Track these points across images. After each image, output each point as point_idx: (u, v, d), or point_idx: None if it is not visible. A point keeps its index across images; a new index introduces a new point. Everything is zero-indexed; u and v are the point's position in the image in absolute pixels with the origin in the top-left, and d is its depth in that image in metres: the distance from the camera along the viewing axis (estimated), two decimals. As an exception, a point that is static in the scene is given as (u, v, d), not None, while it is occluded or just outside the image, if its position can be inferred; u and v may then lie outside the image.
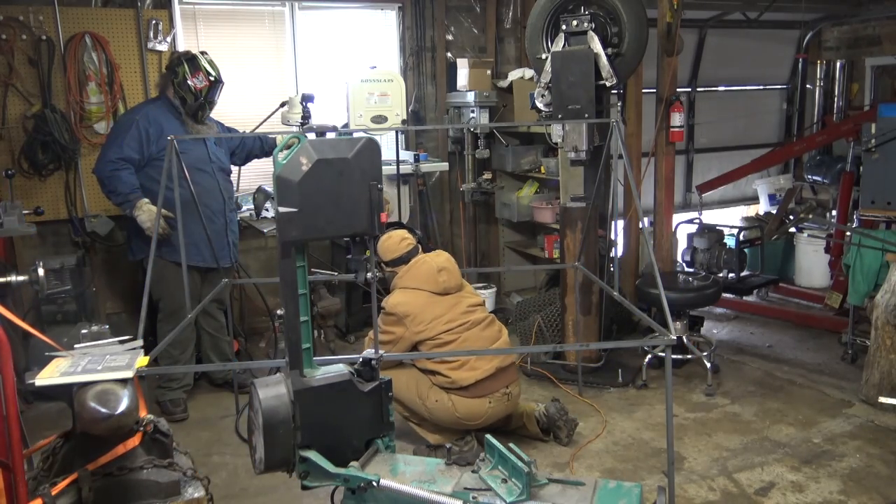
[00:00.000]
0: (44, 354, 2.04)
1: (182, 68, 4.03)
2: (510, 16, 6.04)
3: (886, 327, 3.94)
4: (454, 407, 3.38)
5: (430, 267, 3.50)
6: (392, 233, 3.65)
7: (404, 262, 3.55)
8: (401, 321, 3.41)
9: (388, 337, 3.47)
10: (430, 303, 3.44)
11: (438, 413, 3.43)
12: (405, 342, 3.44)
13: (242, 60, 5.25)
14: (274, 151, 1.92)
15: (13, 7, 4.42)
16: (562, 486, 1.87)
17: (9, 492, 1.67)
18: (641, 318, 2.97)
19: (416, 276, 3.50)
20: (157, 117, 4.00)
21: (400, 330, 3.43)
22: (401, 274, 3.53)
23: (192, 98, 4.04)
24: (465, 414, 3.39)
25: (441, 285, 3.48)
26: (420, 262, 3.53)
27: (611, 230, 4.27)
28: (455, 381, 3.35)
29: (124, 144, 3.90)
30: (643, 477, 3.39)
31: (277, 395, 1.92)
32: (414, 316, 3.40)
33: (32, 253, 4.52)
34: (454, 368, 3.37)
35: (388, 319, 3.47)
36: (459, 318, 3.46)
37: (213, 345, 4.37)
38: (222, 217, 4.21)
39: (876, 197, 4.48)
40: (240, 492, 3.33)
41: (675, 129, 4.84)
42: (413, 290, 3.47)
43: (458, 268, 3.63)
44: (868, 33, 6.97)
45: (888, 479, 3.33)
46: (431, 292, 3.46)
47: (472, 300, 3.59)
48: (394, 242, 3.58)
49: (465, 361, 3.38)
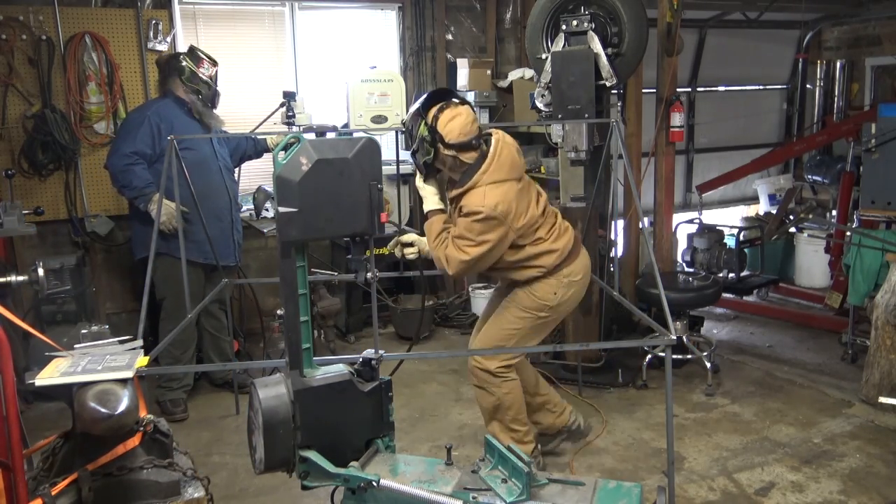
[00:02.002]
0: (44, 354, 2.04)
1: (187, 63, 4.07)
2: (510, 16, 6.04)
3: (886, 327, 3.94)
4: (569, 278, 3.11)
5: (511, 152, 2.99)
6: (460, 108, 2.93)
7: (472, 149, 2.93)
8: (502, 223, 2.90)
9: (485, 247, 2.91)
10: (521, 190, 2.98)
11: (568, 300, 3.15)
12: (506, 243, 2.97)
13: (242, 60, 5.25)
14: (274, 151, 1.92)
15: (13, 7, 4.42)
16: (562, 486, 1.87)
17: (9, 492, 1.67)
18: (641, 318, 2.97)
19: (503, 167, 2.94)
20: (167, 114, 4.01)
21: (501, 231, 2.91)
22: (485, 168, 2.92)
23: (207, 87, 4.08)
24: (584, 270, 3.18)
25: (523, 168, 3.07)
26: (501, 149, 2.97)
27: (611, 230, 4.27)
28: (564, 250, 3.08)
29: (137, 139, 3.90)
30: (643, 477, 3.39)
31: (277, 395, 1.93)
32: (514, 210, 2.92)
33: (32, 253, 4.52)
34: (556, 239, 3.08)
35: (486, 226, 2.89)
36: (539, 196, 3.11)
37: (214, 345, 4.37)
38: (229, 215, 4.22)
39: (876, 197, 4.48)
40: (240, 492, 3.33)
41: (675, 129, 4.84)
42: (504, 182, 2.93)
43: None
44: (868, 33, 6.97)
45: (888, 479, 3.33)
46: (517, 180, 2.99)
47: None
48: (465, 121, 2.90)
49: (559, 229, 3.12)
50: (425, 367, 4.72)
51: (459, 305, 5.72)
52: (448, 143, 2.89)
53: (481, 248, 2.90)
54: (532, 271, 3.08)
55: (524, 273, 3.10)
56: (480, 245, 2.90)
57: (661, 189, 5.01)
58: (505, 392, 3.15)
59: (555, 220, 3.16)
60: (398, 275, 5.03)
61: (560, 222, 3.17)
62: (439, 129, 2.88)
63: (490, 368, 3.14)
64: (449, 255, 2.94)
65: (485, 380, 3.17)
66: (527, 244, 3.03)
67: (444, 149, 2.90)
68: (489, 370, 3.14)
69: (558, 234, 3.11)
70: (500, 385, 3.15)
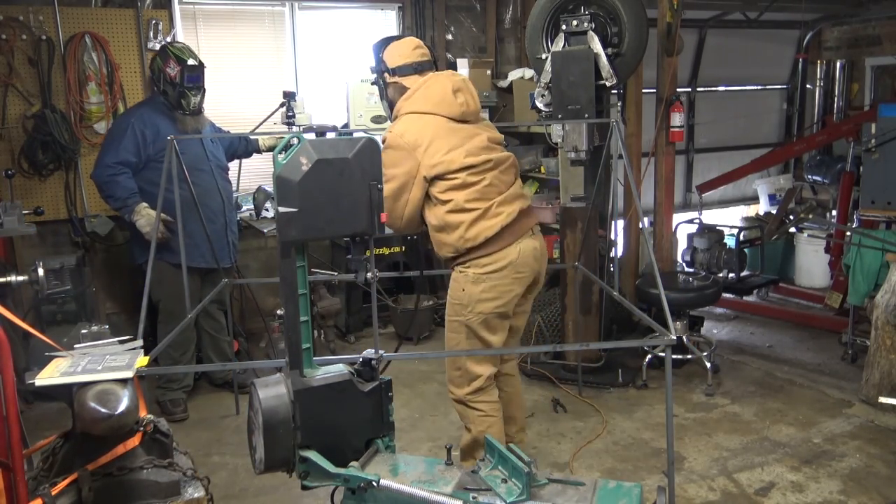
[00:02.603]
0: (44, 354, 2.04)
1: (157, 63, 4.01)
2: (510, 16, 6.04)
3: (886, 327, 3.94)
4: (478, 270, 2.77)
5: (444, 87, 2.81)
6: (403, 38, 2.95)
7: (415, 73, 2.84)
8: (410, 154, 2.69)
9: (395, 183, 2.71)
10: (448, 130, 2.76)
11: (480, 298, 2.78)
12: (418, 184, 2.72)
13: (242, 60, 5.25)
14: (274, 151, 1.92)
15: (13, 7, 4.42)
16: (562, 486, 1.87)
17: (9, 492, 1.67)
18: (641, 318, 2.97)
19: (428, 98, 2.79)
20: (151, 118, 3.96)
21: (410, 165, 2.70)
22: (407, 95, 2.82)
23: (171, 88, 3.97)
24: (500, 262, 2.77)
25: (458, 109, 2.80)
26: (433, 81, 2.83)
27: (611, 230, 4.27)
28: (475, 237, 2.74)
29: (121, 148, 3.88)
30: (643, 477, 3.39)
31: (277, 395, 1.92)
32: (427, 145, 2.69)
33: (32, 253, 4.52)
34: (474, 221, 2.73)
35: (393, 156, 2.71)
36: (481, 153, 2.77)
37: (214, 345, 4.37)
38: (222, 216, 4.19)
39: (876, 197, 4.48)
40: (240, 492, 3.33)
41: (675, 129, 4.84)
42: (424, 115, 2.77)
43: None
44: (868, 33, 6.97)
45: (888, 479, 3.33)
46: (448, 118, 2.78)
47: (493, 134, 2.92)
48: (406, 47, 2.87)
49: (484, 210, 2.74)
50: (425, 367, 4.72)
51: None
52: (391, 70, 2.86)
53: (392, 184, 2.71)
54: (445, 249, 2.81)
55: (441, 249, 2.84)
56: (391, 181, 2.70)
57: (661, 189, 5.01)
58: (481, 430, 2.88)
59: (493, 196, 2.77)
60: (398, 275, 5.03)
61: (495, 206, 2.76)
62: (383, 58, 2.88)
63: (459, 397, 2.91)
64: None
65: (462, 413, 2.96)
66: (442, 202, 2.74)
67: (388, 77, 2.88)
68: (460, 399, 2.92)
69: (481, 215, 2.73)
70: (476, 420, 2.90)
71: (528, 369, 4.54)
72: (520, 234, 2.83)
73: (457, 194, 2.73)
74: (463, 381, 2.90)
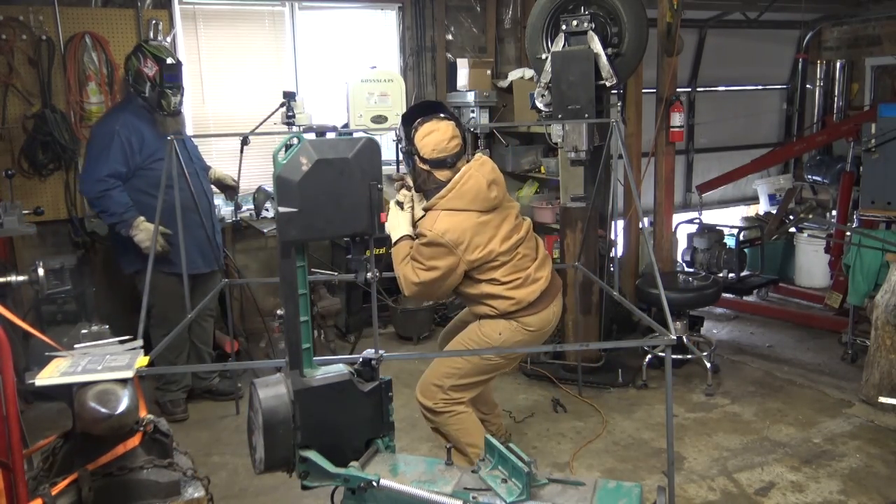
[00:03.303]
0: (44, 354, 2.04)
1: (132, 62, 3.84)
2: (510, 16, 6.04)
3: (886, 327, 3.94)
4: (522, 326, 2.97)
5: (478, 183, 2.86)
6: (440, 124, 2.88)
7: (447, 167, 2.89)
8: (452, 252, 2.81)
9: (435, 273, 2.84)
10: (482, 223, 2.87)
11: (512, 346, 2.98)
12: (458, 273, 2.87)
13: (242, 60, 5.25)
14: (274, 151, 1.92)
15: (13, 7, 4.42)
16: (562, 486, 1.87)
17: (9, 492, 1.67)
18: (641, 318, 2.97)
19: (464, 196, 2.85)
20: (134, 124, 3.78)
21: (451, 260, 2.82)
22: (443, 193, 2.87)
23: (150, 87, 3.81)
24: (541, 324, 3.00)
25: (491, 203, 2.90)
26: (467, 178, 2.86)
27: (611, 230, 4.27)
28: (521, 301, 2.92)
29: (111, 159, 3.71)
30: (643, 477, 3.39)
31: (277, 395, 1.92)
32: (468, 243, 2.82)
33: (32, 253, 4.51)
34: (516, 288, 2.92)
35: (434, 251, 2.82)
36: (512, 234, 2.94)
37: (196, 355, 4.26)
38: (209, 219, 4.02)
39: (876, 197, 4.48)
40: (240, 492, 3.33)
41: (675, 129, 4.84)
42: (461, 212, 2.85)
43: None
44: (868, 33, 6.97)
45: (888, 479, 3.33)
46: (481, 212, 2.88)
47: (515, 210, 3.06)
48: (443, 137, 2.87)
49: (524, 278, 2.93)
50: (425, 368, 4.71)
51: (459, 305, 5.72)
52: (423, 158, 2.88)
53: (431, 273, 2.84)
54: (485, 309, 2.98)
55: (479, 308, 3.01)
56: (430, 271, 2.84)
57: (661, 189, 5.01)
58: (456, 428, 2.99)
59: (528, 266, 2.97)
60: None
61: (532, 271, 2.96)
62: (416, 142, 2.88)
63: (427, 405, 3.00)
64: (405, 275, 2.88)
65: (431, 419, 3.03)
66: (483, 281, 2.92)
67: (419, 162, 2.90)
68: (428, 408, 3.00)
69: (522, 282, 2.93)
70: (448, 421, 2.99)
71: (528, 369, 4.54)
72: (554, 296, 3.06)
73: (495, 272, 2.92)
74: (436, 394, 3.01)
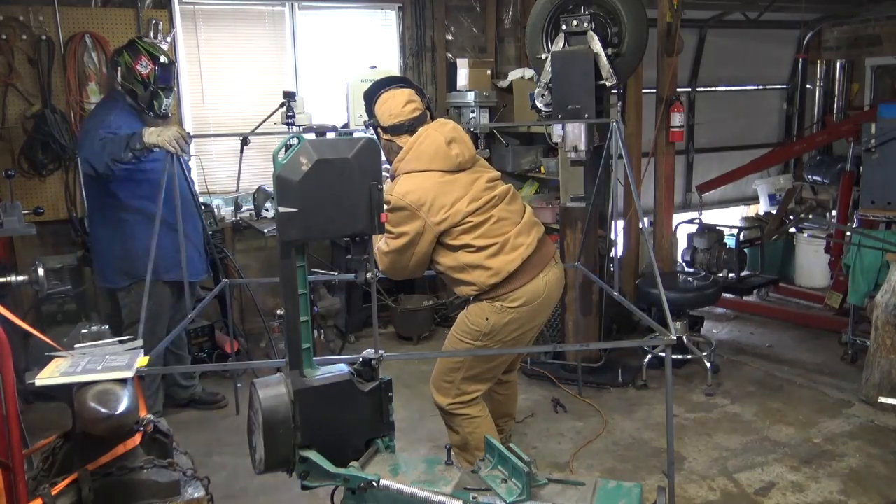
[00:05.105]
0: (44, 354, 2.04)
1: (123, 58, 3.67)
2: (510, 16, 6.04)
3: (886, 327, 3.94)
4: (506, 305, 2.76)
5: (436, 141, 2.78)
6: (395, 91, 2.86)
7: (407, 132, 2.83)
8: (415, 214, 2.71)
9: (403, 240, 2.74)
10: (446, 183, 2.76)
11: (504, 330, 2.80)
12: (426, 238, 2.74)
13: (242, 60, 5.25)
14: (274, 151, 1.92)
15: (13, 7, 4.42)
16: (562, 486, 1.87)
17: (9, 492, 1.67)
18: (641, 318, 2.97)
19: (421, 156, 2.78)
20: (127, 121, 3.60)
21: (417, 224, 2.72)
22: (401, 156, 2.81)
23: (143, 87, 3.66)
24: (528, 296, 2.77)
25: (454, 160, 2.79)
26: (424, 137, 2.80)
27: (611, 230, 4.27)
28: (500, 271, 2.72)
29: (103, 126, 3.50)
30: (643, 477, 3.39)
31: (277, 395, 1.92)
32: (431, 203, 2.71)
33: (32, 253, 4.51)
34: (493, 255, 2.74)
35: (398, 216, 2.73)
36: (483, 194, 2.79)
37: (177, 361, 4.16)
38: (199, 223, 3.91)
39: (876, 197, 4.48)
40: (240, 492, 3.33)
41: (675, 129, 4.84)
42: (421, 172, 2.77)
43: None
44: (868, 33, 6.97)
45: (888, 479, 3.33)
46: (444, 171, 2.78)
47: (491, 173, 2.92)
48: (397, 104, 2.84)
49: (502, 243, 2.75)
50: (425, 367, 4.71)
51: (459, 305, 5.72)
52: (383, 127, 2.85)
53: (399, 240, 2.75)
54: (466, 288, 2.82)
55: (462, 289, 2.85)
56: (399, 238, 2.75)
57: (661, 189, 5.02)
58: (469, 431, 2.89)
59: (507, 230, 2.78)
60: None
61: (513, 237, 2.77)
62: (375, 113, 2.87)
63: (443, 405, 2.91)
64: (378, 248, 2.80)
65: (445, 418, 2.96)
66: (458, 248, 2.77)
67: (382, 133, 2.86)
68: (442, 408, 2.91)
69: (500, 248, 2.74)
70: (462, 423, 2.90)
71: (528, 369, 4.55)
72: (543, 264, 2.83)
73: (468, 237, 2.76)
74: (450, 391, 2.90)
